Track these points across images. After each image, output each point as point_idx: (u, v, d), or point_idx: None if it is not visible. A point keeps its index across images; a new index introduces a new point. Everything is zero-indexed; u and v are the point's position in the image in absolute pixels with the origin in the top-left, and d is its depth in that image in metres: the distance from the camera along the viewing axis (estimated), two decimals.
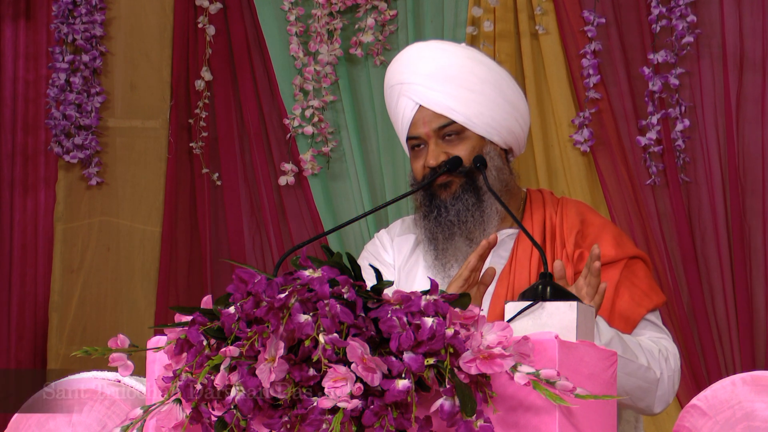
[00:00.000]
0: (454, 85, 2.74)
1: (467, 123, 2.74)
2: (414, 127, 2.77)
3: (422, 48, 2.83)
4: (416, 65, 2.78)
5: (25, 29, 4.89)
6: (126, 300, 4.82)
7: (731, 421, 2.21)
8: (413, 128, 2.77)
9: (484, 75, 2.77)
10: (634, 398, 2.57)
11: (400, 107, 2.78)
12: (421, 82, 2.75)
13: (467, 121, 2.74)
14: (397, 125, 2.82)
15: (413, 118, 2.76)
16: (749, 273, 4.30)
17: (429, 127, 2.75)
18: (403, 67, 2.80)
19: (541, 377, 1.92)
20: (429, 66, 2.76)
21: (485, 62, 2.80)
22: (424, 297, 1.93)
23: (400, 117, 2.79)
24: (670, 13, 4.36)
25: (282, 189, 4.73)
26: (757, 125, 4.34)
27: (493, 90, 2.77)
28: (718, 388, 2.25)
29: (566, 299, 2.13)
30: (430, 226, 2.77)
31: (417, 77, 2.76)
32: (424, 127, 2.75)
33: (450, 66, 2.76)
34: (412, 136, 2.78)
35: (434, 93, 2.74)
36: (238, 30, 4.79)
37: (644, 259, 2.79)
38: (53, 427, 2.43)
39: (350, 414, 1.87)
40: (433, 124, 2.75)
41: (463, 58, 2.78)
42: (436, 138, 2.75)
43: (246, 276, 1.96)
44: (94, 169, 4.79)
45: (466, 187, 2.75)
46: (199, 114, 4.79)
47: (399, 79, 2.79)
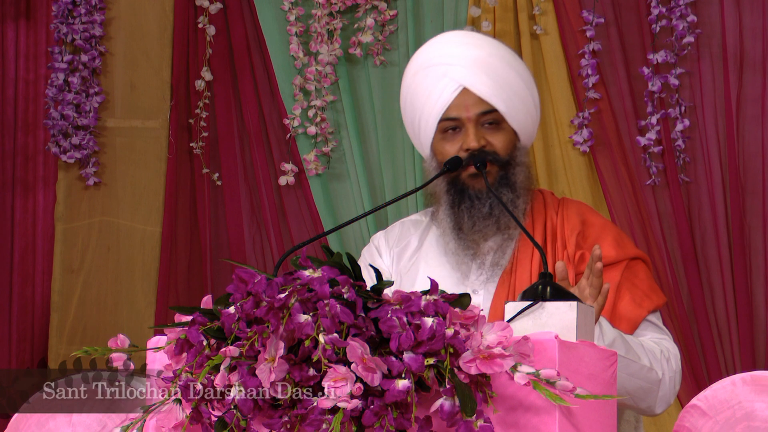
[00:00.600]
0: (497, 75, 2.73)
1: (507, 114, 2.74)
2: (452, 109, 2.73)
3: (465, 35, 2.82)
4: (461, 50, 2.75)
5: (25, 29, 4.89)
6: (126, 300, 4.82)
7: (731, 421, 2.21)
8: (451, 110, 2.73)
9: (522, 73, 2.78)
10: (636, 399, 2.57)
11: (438, 87, 2.74)
12: (467, 66, 2.72)
13: (507, 112, 2.74)
14: (428, 106, 2.76)
15: (453, 101, 2.74)
16: (749, 273, 4.30)
17: (471, 111, 2.72)
18: (446, 50, 2.77)
19: (541, 377, 1.92)
20: (474, 52, 2.74)
21: (521, 61, 2.81)
22: (424, 297, 1.93)
23: (436, 97, 2.74)
24: (670, 13, 4.36)
25: (282, 189, 4.73)
26: (757, 125, 4.34)
27: (527, 89, 2.78)
28: (718, 388, 2.25)
29: (566, 299, 2.13)
30: (461, 215, 2.75)
31: (462, 60, 2.73)
32: (466, 111, 2.72)
33: (493, 56, 2.75)
34: (449, 117, 2.74)
35: (479, 78, 2.72)
36: (238, 30, 4.79)
37: (645, 259, 2.79)
38: (53, 427, 2.42)
39: (350, 414, 1.87)
40: (476, 108, 2.72)
41: (504, 51, 2.78)
42: (475, 123, 2.73)
43: (246, 276, 1.96)
44: (91, 169, 4.79)
45: (501, 181, 2.74)
46: (199, 114, 4.79)
47: (441, 60, 2.75)
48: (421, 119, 2.78)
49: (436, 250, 2.84)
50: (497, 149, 2.74)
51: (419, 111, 2.78)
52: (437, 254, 2.83)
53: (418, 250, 2.88)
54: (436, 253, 2.84)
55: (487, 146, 2.74)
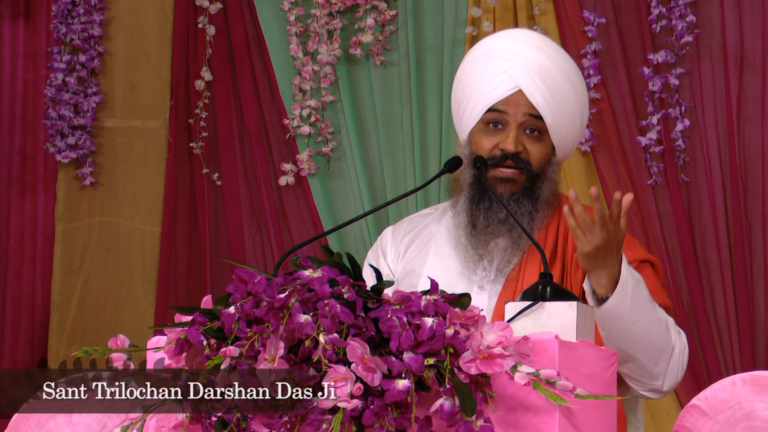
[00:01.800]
0: (554, 86, 2.71)
1: (552, 127, 2.72)
2: (501, 104, 2.72)
3: (536, 38, 2.79)
4: (527, 50, 2.73)
5: (24, 29, 4.89)
6: (126, 300, 4.82)
7: (731, 421, 2.21)
8: (500, 104, 2.72)
9: (579, 90, 2.76)
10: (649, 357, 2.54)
11: (495, 80, 2.72)
12: (529, 69, 2.71)
13: (553, 125, 2.72)
14: (479, 93, 2.74)
15: (505, 97, 2.71)
16: (749, 273, 4.30)
17: (520, 111, 2.71)
18: (513, 46, 2.75)
19: (541, 377, 1.92)
20: (539, 58, 2.72)
21: (581, 78, 2.79)
22: (424, 297, 1.93)
23: (490, 89, 2.73)
24: (670, 13, 4.36)
25: (282, 189, 4.73)
26: (757, 125, 4.34)
27: (579, 107, 2.76)
28: (718, 388, 2.25)
29: (566, 299, 2.13)
30: (478, 213, 2.74)
31: (525, 62, 2.71)
32: (515, 109, 2.71)
33: (557, 67, 2.73)
34: (499, 109, 2.72)
35: (536, 84, 2.70)
36: (238, 30, 4.79)
37: (654, 263, 2.78)
38: (53, 427, 2.42)
39: (350, 414, 1.87)
40: (525, 109, 2.70)
41: (568, 64, 2.76)
42: (520, 126, 2.72)
43: (246, 276, 1.96)
44: (88, 169, 4.78)
45: (525, 192, 2.72)
46: (199, 114, 4.79)
47: (505, 56, 2.73)
48: (468, 104, 2.77)
49: (446, 242, 2.83)
50: (531, 159, 2.72)
51: (468, 95, 2.77)
52: (447, 246, 2.83)
53: (428, 241, 2.87)
54: (446, 245, 2.83)
55: (523, 153, 2.72)
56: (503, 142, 2.72)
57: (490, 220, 2.74)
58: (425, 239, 2.87)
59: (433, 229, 2.88)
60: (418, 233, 2.89)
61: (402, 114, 4.62)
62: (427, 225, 2.89)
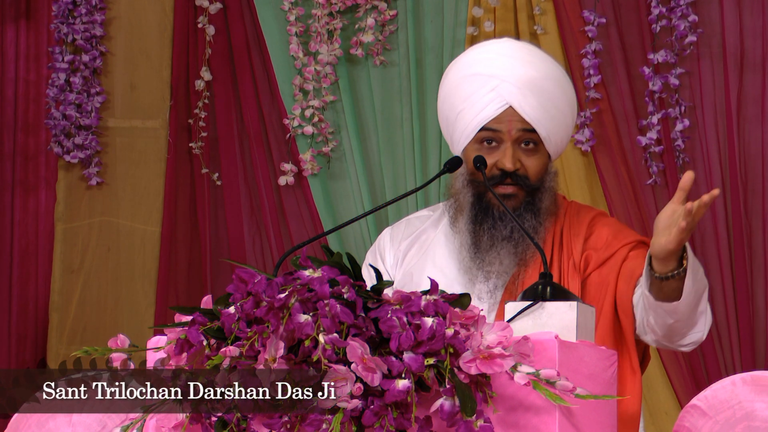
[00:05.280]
0: (545, 99, 2.71)
1: (546, 139, 2.73)
2: (494, 122, 2.71)
3: (522, 48, 2.78)
4: (512, 65, 2.72)
5: (25, 29, 4.89)
6: (126, 300, 4.82)
7: (731, 421, 2.21)
8: (493, 122, 2.71)
9: (570, 95, 2.77)
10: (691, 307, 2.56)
11: (484, 99, 2.72)
12: (518, 85, 2.70)
13: (547, 137, 2.72)
14: (469, 113, 2.73)
15: (497, 115, 2.71)
16: (749, 273, 4.30)
17: (513, 127, 2.70)
18: (500, 61, 2.74)
19: (541, 377, 1.92)
20: (528, 72, 2.71)
21: (569, 81, 2.79)
22: (424, 297, 1.93)
23: (479, 108, 2.72)
24: (670, 13, 4.36)
25: (282, 189, 4.73)
26: (757, 125, 4.34)
27: (570, 112, 2.77)
28: (718, 388, 2.25)
29: (566, 299, 2.13)
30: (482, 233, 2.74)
31: (514, 78, 2.71)
32: (508, 126, 2.70)
33: (547, 78, 2.73)
34: (490, 128, 2.71)
35: (528, 101, 2.69)
36: (238, 30, 4.79)
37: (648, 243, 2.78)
38: (53, 427, 2.42)
39: (350, 414, 1.87)
40: (518, 125, 2.70)
41: (557, 71, 2.76)
42: (514, 141, 2.72)
43: (246, 276, 1.96)
44: (94, 169, 4.79)
45: (527, 207, 2.73)
46: (199, 114, 4.79)
47: (491, 72, 2.72)
48: (459, 122, 2.76)
49: (444, 250, 2.83)
50: (530, 174, 2.73)
51: (457, 113, 2.76)
52: (445, 256, 2.82)
53: (426, 248, 2.86)
54: (444, 254, 2.82)
55: (521, 169, 2.72)
56: (500, 161, 2.72)
57: (495, 239, 2.74)
58: (423, 245, 2.87)
59: (430, 235, 2.87)
60: (416, 238, 2.89)
61: (402, 114, 4.62)
62: (425, 230, 2.89)
